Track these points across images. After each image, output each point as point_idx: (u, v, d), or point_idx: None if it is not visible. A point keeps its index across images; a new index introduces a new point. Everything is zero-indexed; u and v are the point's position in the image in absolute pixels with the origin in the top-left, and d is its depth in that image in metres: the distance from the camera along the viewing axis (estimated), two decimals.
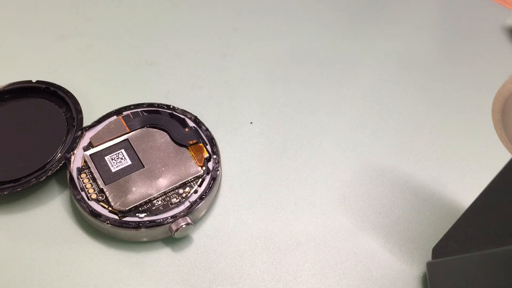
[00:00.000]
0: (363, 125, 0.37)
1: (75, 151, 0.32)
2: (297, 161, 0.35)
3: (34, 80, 0.36)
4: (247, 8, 0.45)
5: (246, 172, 0.34)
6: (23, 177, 0.31)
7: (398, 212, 0.33)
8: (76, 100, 0.35)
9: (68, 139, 0.33)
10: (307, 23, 0.45)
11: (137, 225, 0.29)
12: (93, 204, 0.30)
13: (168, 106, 0.35)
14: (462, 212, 0.26)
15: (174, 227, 0.29)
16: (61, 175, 0.33)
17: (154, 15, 0.44)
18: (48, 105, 0.35)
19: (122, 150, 0.32)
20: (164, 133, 0.33)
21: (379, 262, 0.30)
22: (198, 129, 0.34)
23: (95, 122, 0.34)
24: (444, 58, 0.43)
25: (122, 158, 0.32)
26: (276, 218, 0.32)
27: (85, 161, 0.32)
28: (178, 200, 0.30)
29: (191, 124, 0.34)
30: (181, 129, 0.34)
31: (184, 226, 0.29)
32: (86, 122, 0.34)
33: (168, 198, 0.31)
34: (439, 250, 0.28)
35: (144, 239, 0.30)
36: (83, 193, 0.30)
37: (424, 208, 0.33)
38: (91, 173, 0.31)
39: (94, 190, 0.31)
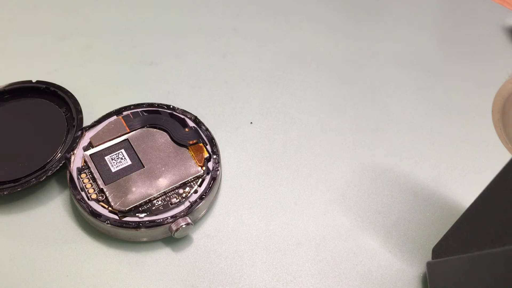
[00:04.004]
0: (363, 125, 0.37)
1: (75, 151, 0.32)
2: (297, 161, 0.35)
3: (34, 80, 0.36)
4: (247, 8, 0.45)
5: (246, 172, 0.34)
6: (23, 177, 0.31)
7: (398, 212, 0.33)
8: (76, 100, 0.35)
9: (68, 139, 0.33)
10: (307, 23, 0.45)
11: (137, 225, 0.29)
12: (93, 204, 0.30)
13: (168, 106, 0.35)
14: (462, 212, 0.26)
15: (174, 227, 0.29)
16: (61, 175, 0.33)
17: (154, 15, 0.44)
18: (48, 105, 0.35)
19: (122, 150, 0.32)
20: (164, 133, 0.33)
21: (379, 262, 0.30)
22: (198, 129, 0.34)
23: (95, 122, 0.34)
24: (444, 58, 0.43)
25: (122, 158, 0.32)
26: (276, 218, 0.32)
27: (85, 161, 0.32)
28: (178, 200, 0.30)
29: (191, 124, 0.34)
30: (181, 129, 0.34)
31: (184, 226, 0.29)
32: (86, 122, 0.34)
33: (168, 198, 0.31)
34: (439, 250, 0.28)
35: (144, 239, 0.30)
36: (83, 193, 0.30)
37: (424, 208, 0.33)
38: (91, 173, 0.31)
39: (94, 190, 0.31)
